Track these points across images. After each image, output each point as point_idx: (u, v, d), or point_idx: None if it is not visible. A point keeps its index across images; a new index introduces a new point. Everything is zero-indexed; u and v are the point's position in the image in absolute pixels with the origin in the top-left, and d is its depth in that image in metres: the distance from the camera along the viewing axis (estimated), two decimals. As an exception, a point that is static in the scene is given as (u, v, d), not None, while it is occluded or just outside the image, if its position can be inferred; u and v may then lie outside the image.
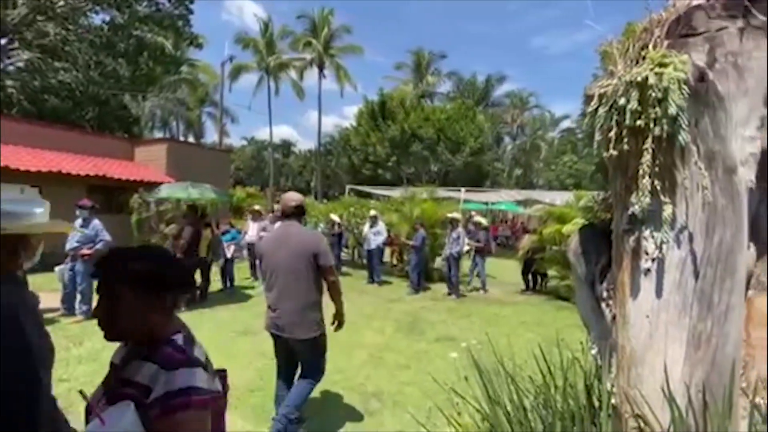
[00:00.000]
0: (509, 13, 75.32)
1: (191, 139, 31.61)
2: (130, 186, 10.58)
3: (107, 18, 18.35)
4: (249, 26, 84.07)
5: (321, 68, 29.35)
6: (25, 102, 17.38)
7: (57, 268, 5.30)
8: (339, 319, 2.89)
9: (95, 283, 1.13)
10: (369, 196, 17.00)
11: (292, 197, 2.86)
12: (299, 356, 2.77)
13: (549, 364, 2.00)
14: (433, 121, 23.64)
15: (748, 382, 1.49)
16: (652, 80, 1.29)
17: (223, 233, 7.60)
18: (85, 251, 5.24)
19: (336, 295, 2.81)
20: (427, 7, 76.91)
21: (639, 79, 1.31)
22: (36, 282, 6.85)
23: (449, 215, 8.36)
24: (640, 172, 1.34)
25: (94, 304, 4.38)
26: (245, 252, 8.66)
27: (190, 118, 32.60)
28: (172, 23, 18.85)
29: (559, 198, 12.63)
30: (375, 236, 8.99)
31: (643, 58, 1.38)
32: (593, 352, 1.71)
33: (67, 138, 11.40)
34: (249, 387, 3.58)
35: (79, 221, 5.38)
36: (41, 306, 1.29)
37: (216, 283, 7.49)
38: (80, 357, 4.16)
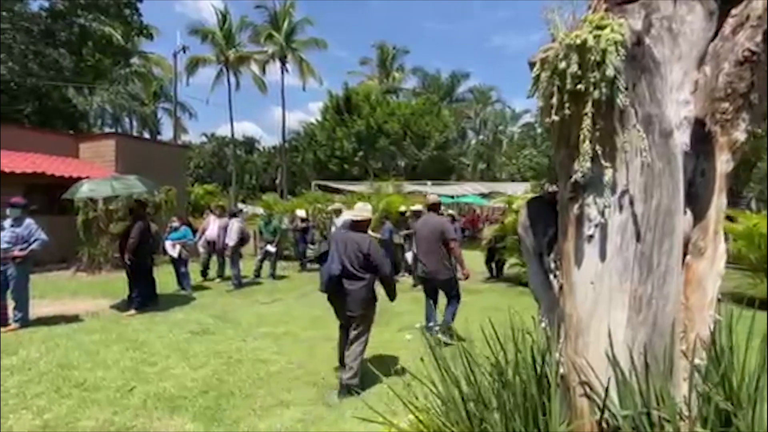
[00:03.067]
0: (471, 12, 76.59)
1: (147, 136, 29.87)
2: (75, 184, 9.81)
3: (46, 5, 16.95)
4: (205, 18, 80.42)
5: (283, 62, 28.56)
6: (-51, 95, 15.74)
7: (-19, 274, 4.79)
8: (465, 273, 4.70)
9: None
10: (336, 191, 16.79)
11: (431, 198, 5.43)
12: (444, 290, 4.60)
13: (503, 343, 1.98)
14: (398, 116, 23.67)
15: (688, 345, 1.53)
16: (590, 42, 1.27)
17: (173, 230, 7.17)
18: (18, 252, 4.77)
19: (457, 257, 4.51)
20: (391, 3, 76.90)
21: (578, 41, 1.29)
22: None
23: (412, 208, 8.38)
24: (581, 137, 1.33)
25: (35, 309, 3.92)
26: (201, 250, 8.24)
27: (145, 113, 30.81)
28: (119, 12, 17.66)
29: (521, 189, 13.03)
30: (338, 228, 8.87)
31: (583, 22, 1.36)
32: (543, 324, 1.71)
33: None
34: (202, 388, 3.38)
35: (8, 221, 4.89)
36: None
37: (171, 285, 7.10)
38: (13, 368, 3.77)
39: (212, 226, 8.18)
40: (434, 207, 5.00)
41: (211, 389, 3.36)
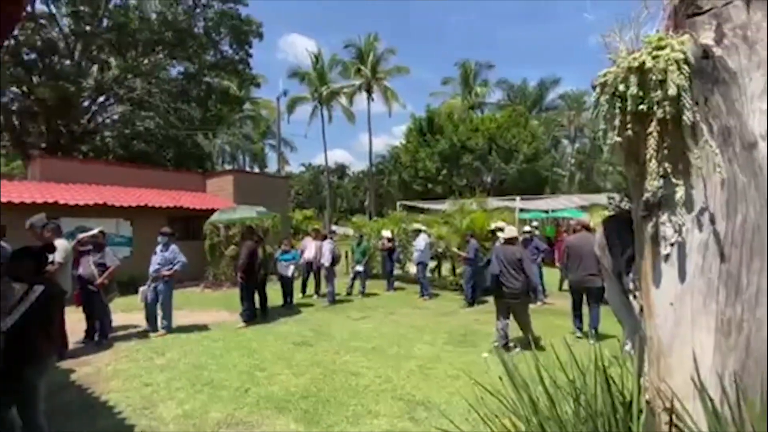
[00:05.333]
0: (557, 15, 72.39)
1: (257, 170, 34.28)
2: (203, 214, 11.76)
3: (182, 69, 20.99)
4: (302, 61, 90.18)
5: (369, 92, 30.52)
6: (119, 149, 20.28)
7: (140, 289, 6.05)
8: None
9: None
10: (420, 210, 17.05)
11: (581, 221, 6.51)
12: (593, 294, 5.59)
13: (584, 365, 1.92)
14: (482, 131, 23.32)
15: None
16: (649, 63, 1.29)
17: (284, 253, 8.10)
18: (165, 272, 5.95)
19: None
20: (470, 20, 76.79)
21: (636, 64, 1.32)
22: (125, 303, 7.79)
23: (493, 225, 8.16)
24: (648, 155, 1.32)
25: (176, 319, 4.97)
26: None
27: (255, 150, 35.51)
28: (235, 68, 20.97)
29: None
30: (418, 250, 8.99)
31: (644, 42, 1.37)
32: (627, 348, 1.64)
33: (151, 176, 13.11)
34: (303, 393, 3.79)
35: (159, 246, 6.14)
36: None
37: (277, 301, 7.99)
38: (162, 365, 4.69)
39: (309, 247, 9.04)
40: (587, 227, 6.25)
41: (311, 395, 3.74)
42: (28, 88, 17.04)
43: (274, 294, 8.01)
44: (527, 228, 9.40)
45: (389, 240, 10.05)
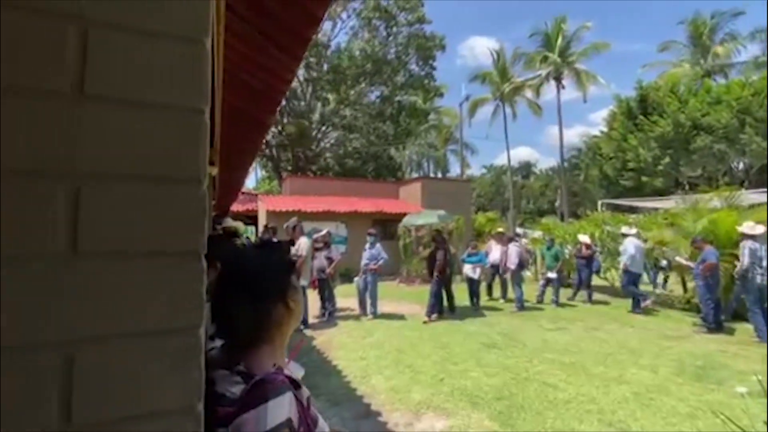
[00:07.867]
0: None
1: (439, 175, 36.14)
2: (397, 218, 13.29)
3: (378, 93, 24.30)
4: (483, 62, 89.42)
5: (558, 80, 27.61)
6: (336, 166, 25.08)
7: (355, 279, 7.33)
8: None
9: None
10: (630, 210, 14.27)
11: None
12: None
13: None
14: (728, 103, 17.57)
15: None
16: None
17: (470, 255, 8.28)
18: (372, 266, 7.04)
19: None
20: (704, -38, 58.85)
21: None
22: (344, 290, 9.51)
23: (742, 227, 6.02)
24: None
25: (379, 307, 5.98)
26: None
27: (438, 157, 37.50)
28: (421, 83, 22.81)
29: None
30: (626, 256, 7.51)
31: None
32: None
33: (358, 187, 15.72)
34: (496, 394, 3.80)
35: (368, 244, 7.31)
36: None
37: (463, 301, 8.23)
38: (371, 344, 5.57)
39: (494, 250, 8.93)
40: None
41: (503, 398, 3.72)
42: (282, 126, 23.19)
43: (459, 294, 8.28)
44: None
45: (587, 246, 8.84)
